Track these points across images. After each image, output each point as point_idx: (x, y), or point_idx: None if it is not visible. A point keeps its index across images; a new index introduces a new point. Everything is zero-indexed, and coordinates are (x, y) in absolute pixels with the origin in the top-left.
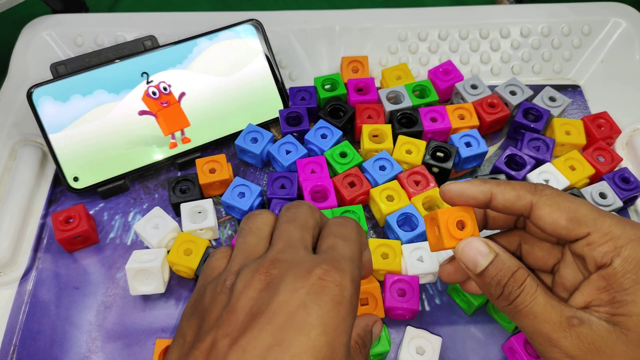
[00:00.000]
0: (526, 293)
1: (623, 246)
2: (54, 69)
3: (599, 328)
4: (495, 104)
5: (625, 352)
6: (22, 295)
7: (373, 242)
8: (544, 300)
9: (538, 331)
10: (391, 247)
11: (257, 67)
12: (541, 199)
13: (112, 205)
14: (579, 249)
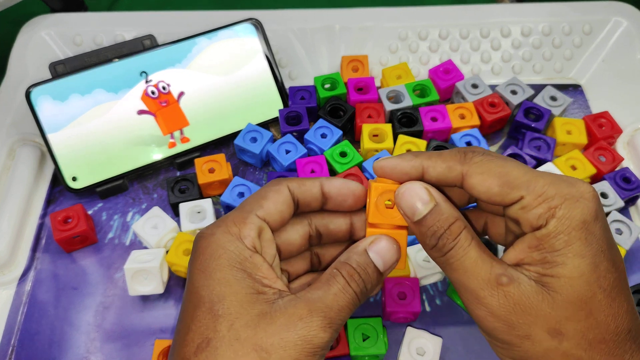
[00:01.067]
0: (459, 246)
1: (557, 206)
2: (53, 69)
3: (527, 288)
4: (496, 103)
5: (550, 314)
6: (21, 295)
7: None
8: (476, 255)
9: (466, 286)
10: None
11: (256, 67)
12: (471, 167)
13: (111, 205)
14: (514, 213)
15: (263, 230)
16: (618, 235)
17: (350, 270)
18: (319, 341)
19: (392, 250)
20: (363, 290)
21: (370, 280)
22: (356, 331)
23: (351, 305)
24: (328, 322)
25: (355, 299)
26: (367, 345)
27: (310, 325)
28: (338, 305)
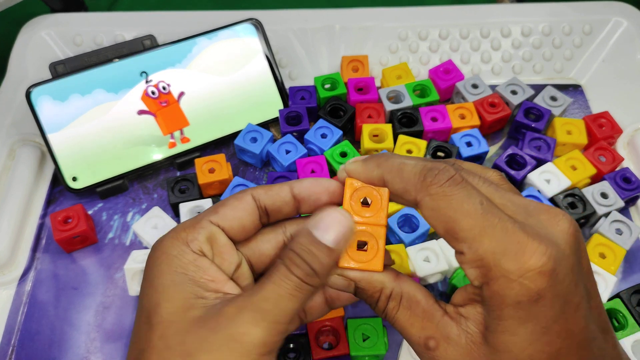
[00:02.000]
0: (389, 309)
1: (492, 280)
2: (53, 69)
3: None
4: (496, 103)
5: None
6: (21, 295)
7: None
8: (405, 319)
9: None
10: (396, 252)
11: (256, 67)
12: (424, 199)
13: (111, 205)
14: (456, 256)
15: (215, 235)
16: (618, 235)
17: (290, 255)
18: (249, 338)
19: (341, 221)
20: (309, 272)
21: (318, 260)
22: (356, 331)
23: (296, 292)
24: (261, 316)
25: (300, 285)
26: (367, 346)
27: (237, 323)
28: (276, 295)
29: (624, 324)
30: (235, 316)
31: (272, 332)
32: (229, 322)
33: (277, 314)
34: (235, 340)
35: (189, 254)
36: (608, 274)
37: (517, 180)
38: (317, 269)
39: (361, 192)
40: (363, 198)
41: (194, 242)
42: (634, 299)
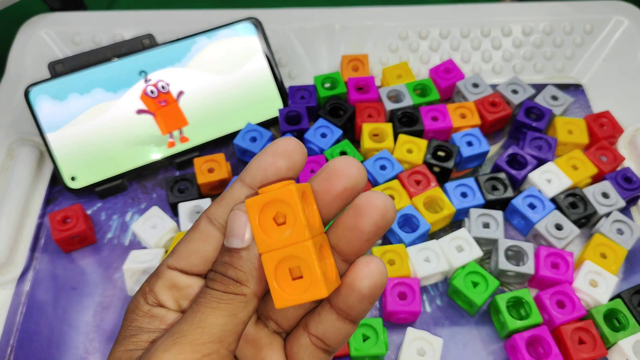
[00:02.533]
0: None
1: None
2: (52, 68)
3: None
4: (497, 102)
5: None
6: (20, 295)
7: (377, 249)
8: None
9: None
10: (396, 253)
11: (256, 66)
12: None
13: (110, 205)
14: None
15: (174, 280)
16: (619, 235)
17: (209, 274)
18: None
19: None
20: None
21: (230, 266)
22: (356, 332)
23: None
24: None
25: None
26: (368, 346)
27: (152, 352)
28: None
29: (625, 324)
30: (151, 349)
31: (186, 354)
32: (145, 356)
33: (194, 332)
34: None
35: (144, 306)
36: (609, 274)
37: (518, 179)
38: (233, 275)
39: (268, 212)
40: (274, 215)
41: (150, 295)
42: (635, 299)
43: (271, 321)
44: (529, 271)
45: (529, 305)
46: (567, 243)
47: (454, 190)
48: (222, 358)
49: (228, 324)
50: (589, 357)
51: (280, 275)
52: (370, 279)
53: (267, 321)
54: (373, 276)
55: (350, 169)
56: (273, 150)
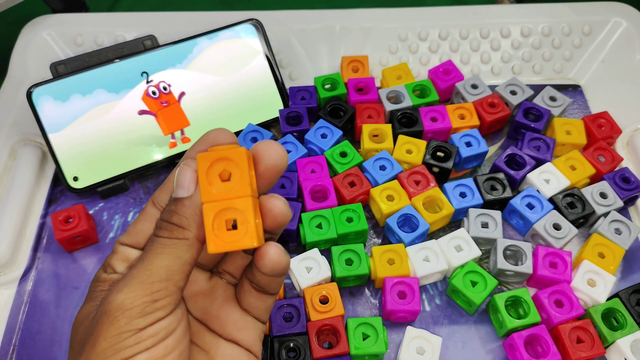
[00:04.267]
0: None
1: None
2: (54, 69)
3: None
4: (496, 103)
5: None
6: (22, 295)
7: (377, 249)
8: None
9: None
10: (396, 252)
11: (257, 67)
12: None
13: (112, 205)
14: None
15: (126, 253)
16: (617, 235)
17: (156, 223)
18: (112, 305)
19: (181, 172)
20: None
21: (172, 213)
22: (356, 330)
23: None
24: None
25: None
26: (367, 345)
27: (106, 298)
28: (142, 258)
29: (623, 324)
30: (108, 293)
31: (138, 292)
32: (103, 301)
33: (143, 274)
34: (104, 313)
35: (103, 275)
36: (607, 273)
37: (516, 180)
38: (176, 221)
39: (216, 167)
40: (220, 172)
41: (108, 267)
42: (632, 299)
43: (226, 274)
44: (528, 271)
45: (527, 304)
46: (565, 243)
47: (453, 190)
48: (170, 293)
49: (174, 265)
50: (587, 356)
51: (217, 225)
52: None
53: (223, 274)
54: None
55: (269, 151)
56: (205, 139)
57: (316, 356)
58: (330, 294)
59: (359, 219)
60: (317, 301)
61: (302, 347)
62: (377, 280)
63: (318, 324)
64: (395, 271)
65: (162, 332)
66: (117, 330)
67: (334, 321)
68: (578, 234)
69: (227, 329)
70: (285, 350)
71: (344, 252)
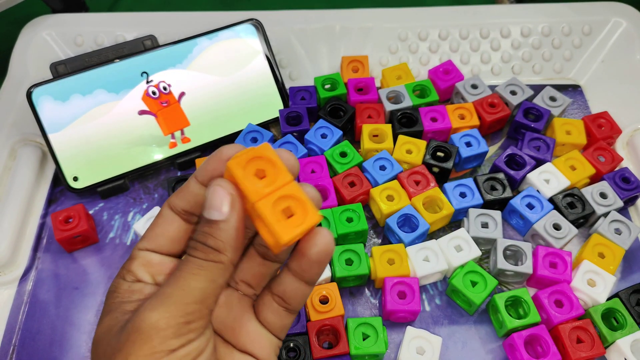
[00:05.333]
0: None
1: None
2: (54, 69)
3: None
4: (496, 103)
5: None
6: (22, 295)
7: (377, 249)
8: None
9: None
10: (396, 252)
11: (257, 67)
12: None
13: (112, 205)
14: None
15: (148, 258)
16: (617, 235)
17: (190, 243)
18: (146, 323)
19: (217, 194)
20: (205, 249)
21: (211, 236)
22: (356, 330)
23: (197, 270)
24: (159, 301)
25: (201, 263)
26: (367, 345)
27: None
28: (176, 278)
29: (623, 324)
30: (140, 309)
31: (172, 313)
32: (134, 317)
33: (178, 294)
34: (136, 330)
35: (124, 284)
36: (607, 273)
37: (516, 180)
38: (212, 244)
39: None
40: (255, 172)
41: (129, 274)
42: (632, 299)
43: (242, 283)
44: (528, 271)
45: (527, 304)
46: (565, 243)
47: (453, 190)
48: (203, 316)
49: (208, 288)
50: (587, 356)
51: (277, 217)
52: (317, 247)
53: (238, 284)
54: (319, 245)
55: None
56: (219, 157)
57: (316, 356)
58: (330, 294)
59: (359, 219)
60: (317, 301)
61: (302, 347)
62: (377, 280)
63: (318, 324)
64: (395, 271)
65: (193, 352)
66: (150, 349)
67: (334, 321)
68: (578, 234)
69: (242, 340)
70: (285, 350)
71: (344, 252)
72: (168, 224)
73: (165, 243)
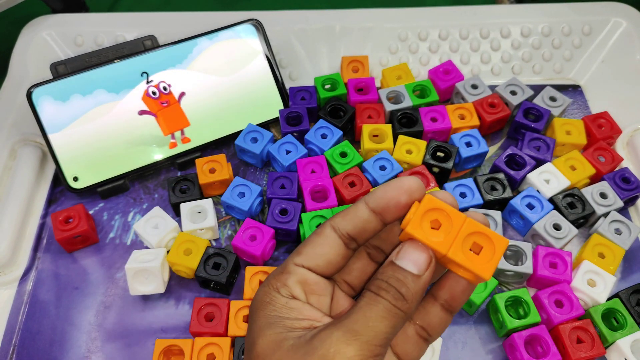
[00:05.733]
0: None
1: None
2: (54, 69)
3: None
4: (496, 103)
5: None
6: (22, 295)
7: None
8: None
9: None
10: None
11: (257, 67)
12: None
13: (112, 205)
14: None
15: (305, 276)
16: (617, 235)
17: (377, 282)
18: (342, 357)
19: (417, 250)
20: (397, 296)
21: (404, 285)
22: None
23: (386, 314)
24: (352, 336)
25: (390, 307)
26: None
27: (329, 343)
28: (365, 317)
29: (623, 324)
30: (327, 337)
31: (364, 352)
32: (321, 343)
33: (368, 334)
34: (327, 357)
35: (280, 299)
36: (607, 273)
37: (516, 180)
38: (404, 293)
39: (424, 224)
40: (430, 224)
41: (284, 288)
42: (633, 299)
43: None
44: (528, 271)
45: (527, 304)
46: (565, 243)
47: (453, 190)
48: (382, 359)
49: (390, 334)
50: (587, 356)
51: (470, 258)
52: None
53: None
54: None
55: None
56: (399, 186)
57: None
58: None
59: None
60: None
61: None
62: None
63: None
64: None
65: None
66: None
67: None
68: (578, 234)
69: None
70: None
71: None
72: (329, 246)
73: (322, 264)
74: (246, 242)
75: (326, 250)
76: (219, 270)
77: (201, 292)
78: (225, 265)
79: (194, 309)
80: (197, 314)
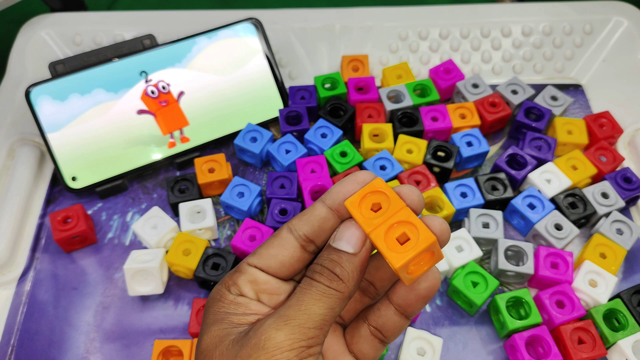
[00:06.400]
0: None
1: None
2: (53, 68)
3: None
4: (497, 103)
5: None
6: (20, 295)
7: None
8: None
9: None
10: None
11: (256, 66)
12: None
13: (111, 205)
14: None
15: (255, 275)
16: (619, 235)
17: (313, 267)
18: (272, 342)
19: (350, 228)
20: (331, 277)
21: (339, 265)
22: None
23: (320, 296)
24: (283, 321)
25: (324, 289)
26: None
27: (260, 331)
28: (299, 301)
29: (625, 324)
30: (260, 326)
31: (295, 335)
32: (254, 333)
33: (300, 317)
34: (260, 347)
35: (229, 296)
36: (609, 274)
37: (517, 180)
38: (339, 272)
39: (365, 205)
40: (370, 206)
41: (234, 287)
42: (634, 299)
43: None
44: (529, 271)
45: (528, 305)
46: (566, 243)
47: (454, 190)
48: (320, 342)
49: (327, 315)
50: (588, 357)
51: (389, 245)
52: (427, 282)
53: None
54: (429, 280)
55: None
56: (354, 180)
57: None
58: None
59: None
60: None
61: None
62: None
63: None
64: None
65: None
66: None
67: None
68: (579, 234)
69: None
70: None
71: None
72: (284, 248)
73: (275, 265)
74: (245, 242)
75: (280, 252)
76: (218, 271)
77: (200, 292)
78: (225, 266)
79: (193, 310)
80: (196, 315)
